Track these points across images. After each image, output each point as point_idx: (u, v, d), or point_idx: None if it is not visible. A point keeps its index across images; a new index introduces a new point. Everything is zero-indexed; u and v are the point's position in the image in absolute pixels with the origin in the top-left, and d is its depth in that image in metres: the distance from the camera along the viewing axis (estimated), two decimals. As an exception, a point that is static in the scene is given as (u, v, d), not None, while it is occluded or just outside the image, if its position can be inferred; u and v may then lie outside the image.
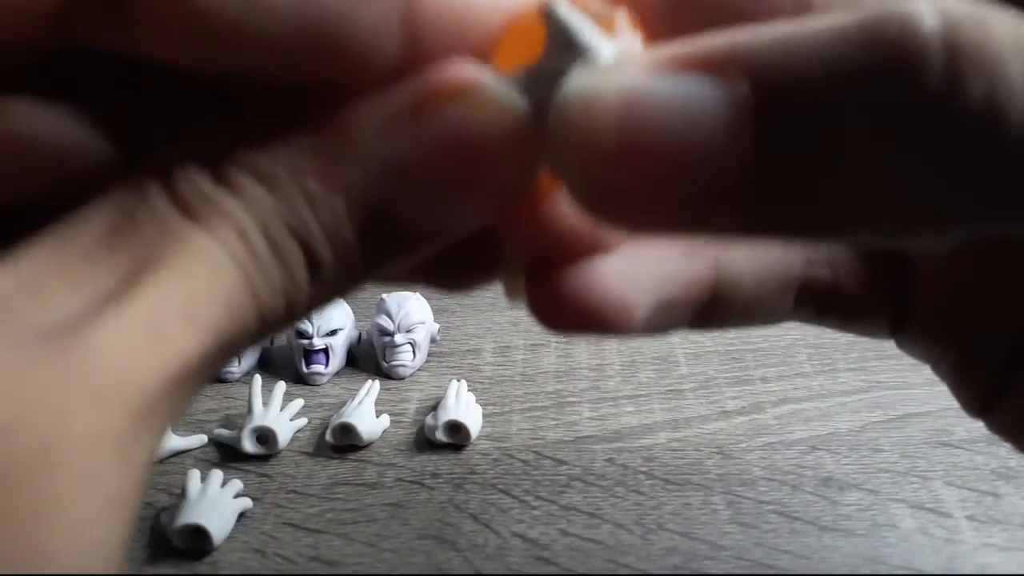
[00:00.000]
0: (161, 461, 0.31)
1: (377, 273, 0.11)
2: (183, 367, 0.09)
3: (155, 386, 0.09)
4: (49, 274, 0.09)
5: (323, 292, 0.10)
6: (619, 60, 0.10)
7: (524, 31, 0.11)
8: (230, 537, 0.27)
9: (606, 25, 0.11)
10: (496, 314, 0.42)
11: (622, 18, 0.11)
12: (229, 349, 0.10)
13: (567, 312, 0.13)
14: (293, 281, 0.10)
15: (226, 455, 0.32)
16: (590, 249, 0.12)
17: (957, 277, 0.16)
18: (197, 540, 0.27)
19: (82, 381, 0.08)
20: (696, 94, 0.09)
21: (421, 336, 0.37)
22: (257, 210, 0.09)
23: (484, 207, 0.11)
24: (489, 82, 0.10)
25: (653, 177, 0.09)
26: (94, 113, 0.11)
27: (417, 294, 0.38)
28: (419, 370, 0.37)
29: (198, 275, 0.09)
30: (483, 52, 0.11)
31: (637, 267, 0.14)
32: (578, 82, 0.09)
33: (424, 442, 0.32)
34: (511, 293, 0.14)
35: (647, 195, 0.09)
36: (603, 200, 0.09)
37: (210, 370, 0.10)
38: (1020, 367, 0.15)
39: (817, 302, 0.16)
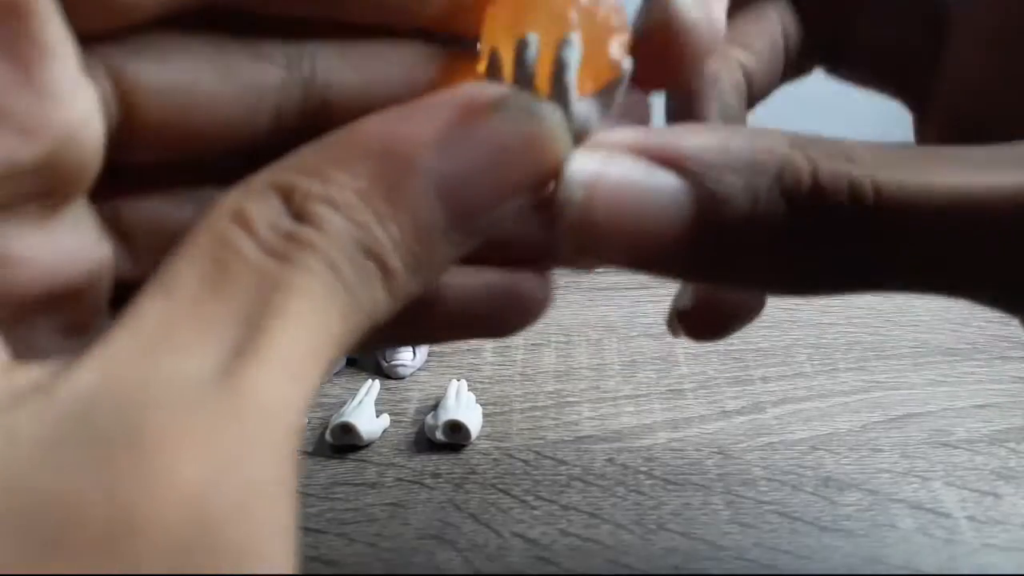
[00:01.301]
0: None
1: (438, 276, 0.12)
2: (311, 399, 0.10)
3: (300, 425, 0.10)
4: (172, 325, 0.09)
5: (395, 303, 0.11)
6: (607, 147, 0.12)
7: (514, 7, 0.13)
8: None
9: (603, 33, 0.13)
10: (496, 314, 0.42)
11: (618, 43, 0.13)
12: (330, 371, 0.11)
13: (715, 324, 0.19)
14: (373, 298, 0.11)
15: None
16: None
17: None
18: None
19: (254, 432, 0.09)
20: (659, 182, 0.12)
21: (421, 336, 0.37)
22: (339, 238, 0.10)
23: (525, 199, 0.12)
24: (517, 94, 0.12)
25: (626, 243, 0.12)
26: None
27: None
28: (419, 370, 0.37)
29: (311, 317, 0.10)
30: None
31: None
32: (581, 166, 0.12)
33: (424, 442, 0.32)
34: (672, 331, 0.20)
35: (619, 251, 0.12)
36: (586, 247, 0.12)
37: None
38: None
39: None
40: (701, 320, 0.19)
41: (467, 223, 0.11)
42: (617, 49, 0.13)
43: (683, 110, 0.17)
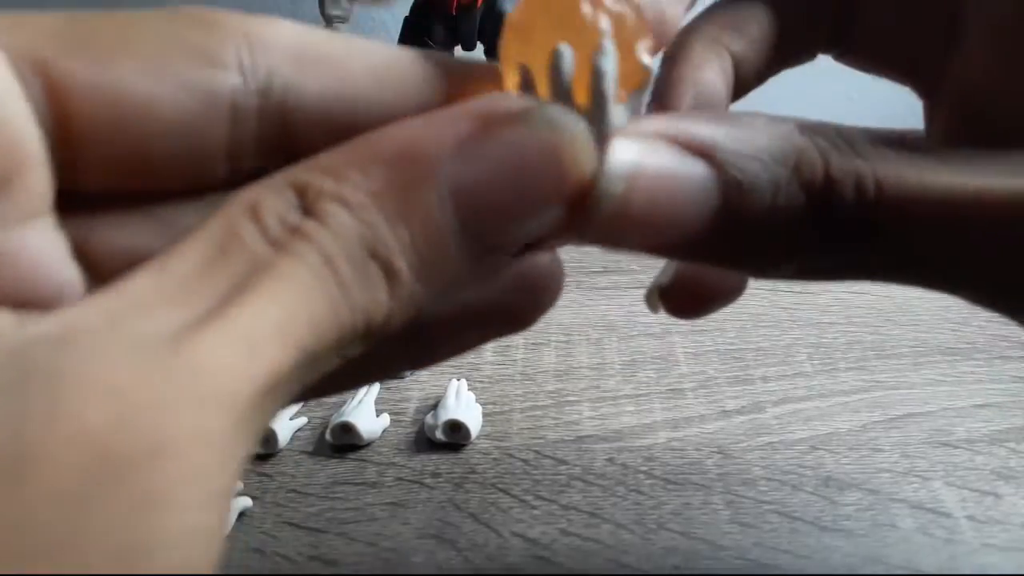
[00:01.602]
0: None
1: (452, 290, 0.12)
2: (273, 379, 0.10)
3: (249, 394, 0.10)
4: (152, 296, 0.10)
5: (400, 309, 0.11)
6: (642, 136, 0.12)
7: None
8: (230, 536, 0.27)
9: (627, 43, 0.13)
10: (496, 314, 0.41)
11: (643, 45, 0.13)
12: (313, 364, 0.11)
13: (696, 302, 0.19)
14: (373, 300, 0.11)
15: (226, 454, 0.32)
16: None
17: None
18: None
19: (186, 387, 0.09)
20: (692, 171, 0.12)
21: (421, 335, 0.37)
22: (342, 234, 0.10)
23: (548, 215, 0.12)
24: (542, 105, 0.12)
25: (656, 232, 0.12)
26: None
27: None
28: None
29: (287, 298, 0.10)
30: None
31: None
32: (622, 158, 0.12)
33: (424, 441, 0.32)
34: (650, 305, 0.20)
35: (648, 239, 0.13)
36: (615, 237, 0.13)
37: (298, 383, 0.11)
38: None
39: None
40: (682, 297, 0.19)
41: (483, 233, 0.11)
42: (644, 52, 0.13)
43: (659, 97, 0.17)
